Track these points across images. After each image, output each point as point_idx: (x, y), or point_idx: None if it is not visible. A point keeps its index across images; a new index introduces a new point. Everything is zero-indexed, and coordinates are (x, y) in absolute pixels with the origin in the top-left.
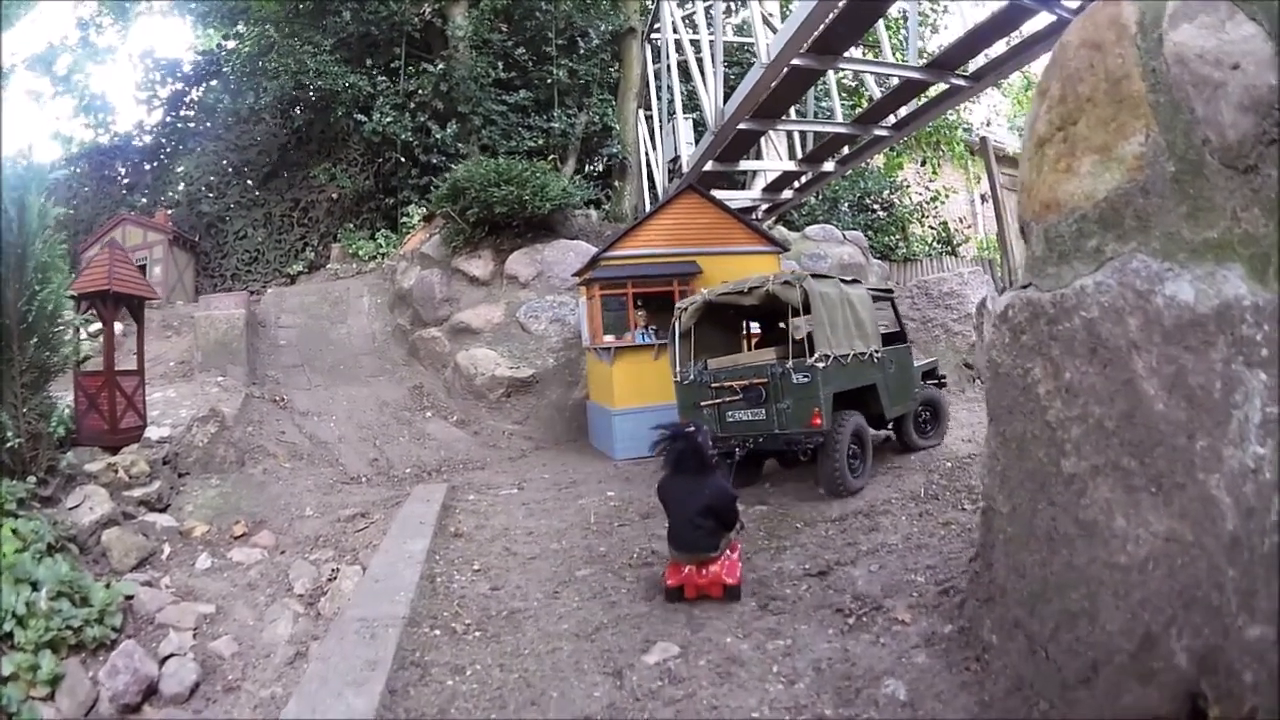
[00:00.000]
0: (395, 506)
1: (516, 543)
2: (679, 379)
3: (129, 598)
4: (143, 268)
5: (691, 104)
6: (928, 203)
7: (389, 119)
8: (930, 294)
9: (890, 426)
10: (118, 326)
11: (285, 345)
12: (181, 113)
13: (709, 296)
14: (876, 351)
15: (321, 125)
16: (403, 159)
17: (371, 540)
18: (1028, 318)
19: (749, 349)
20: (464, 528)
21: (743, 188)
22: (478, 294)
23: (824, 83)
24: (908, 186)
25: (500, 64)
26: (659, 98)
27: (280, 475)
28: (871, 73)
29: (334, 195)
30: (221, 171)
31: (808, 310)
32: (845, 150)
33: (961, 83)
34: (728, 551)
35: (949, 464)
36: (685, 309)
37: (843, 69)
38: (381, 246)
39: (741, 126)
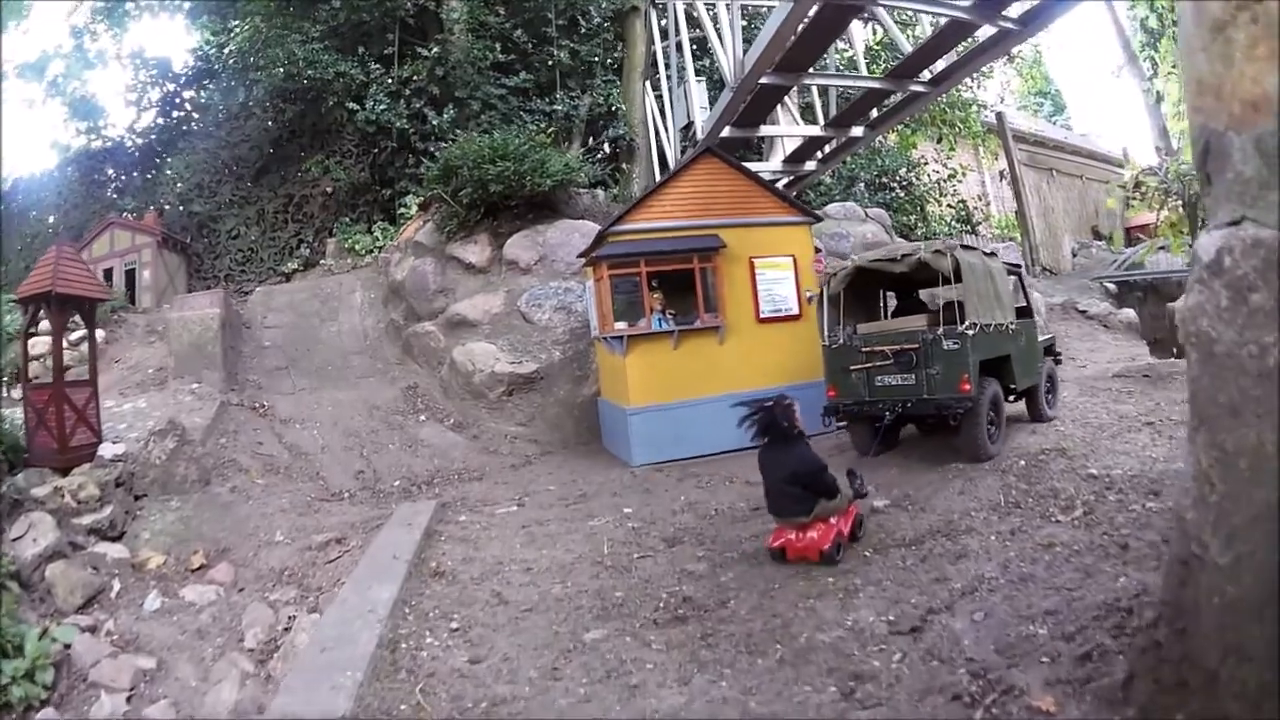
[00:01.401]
0: (375, 530)
1: (510, 585)
2: (828, 343)
3: (67, 646)
4: (131, 272)
5: (703, 70)
6: (945, 180)
7: (383, 106)
8: None
9: (1013, 399)
10: (99, 334)
11: (270, 347)
12: (173, 114)
13: (859, 262)
14: (1011, 323)
15: (313, 117)
16: (399, 148)
17: (342, 575)
18: (1258, 267)
19: (885, 317)
20: (447, 562)
21: (759, 158)
22: (474, 283)
23: (847, 47)
24: (925, 164)
25: (498, 46)
26: (668, 67)
27: (251, 494)
28: (913, 9)
29: (328, 189)
30: (213, 170)
31: (958, 279)
32: (874, 114)
33: (1011, 26)
34: (836, 519)
35: (1022, 462)
36: (834, 274)
37: (883, 5)
38: (379, 240)
39: (764, 81)
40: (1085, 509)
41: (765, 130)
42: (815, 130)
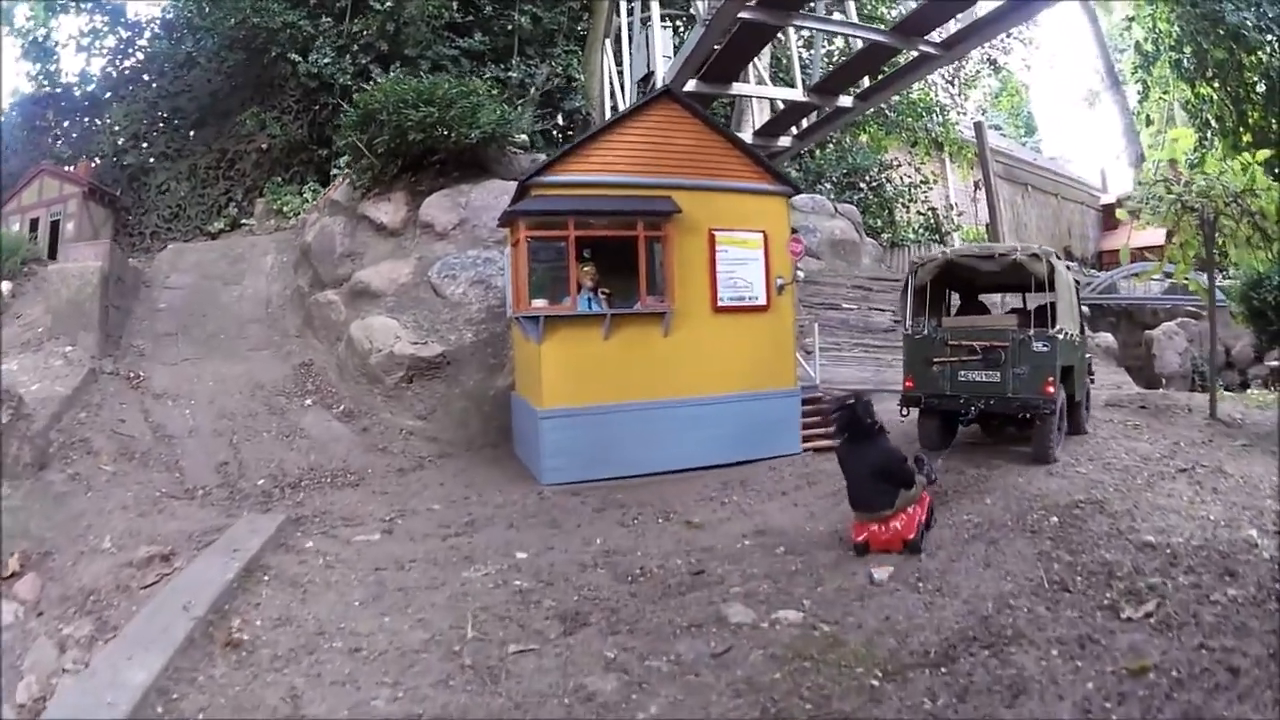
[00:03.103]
0: (209, 547)
1: (319, 681)
2: (910, 333)
3: None
4: (57, 223)
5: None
6: (916, 187)
7: (327, 60)
8: None
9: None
10: (5, 286)
11: (164, 309)
12: (123, 63)
13: (951, 255)
14: (1077, 335)
15: (257, 69)
16: (340, 105)
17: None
18: None
19: (949, 314)
20: (256, 623)
21: (726, 126)
22: (385, 246)
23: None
24: (898, 166)
25: (455, 4)
26: (630, 13)
27: (94, 484)
28: None
29: (263, 146)
30: (151, 121)
31: (1051, 285)
32: (866, 82)
33: None
34: (914, 508)
35: (1054, 519)
36: (923, 264)
37: None
38: (308, 202)
39: (744, 16)
40: (1157, 598)
41: (738, 89)
42: (795, 95)
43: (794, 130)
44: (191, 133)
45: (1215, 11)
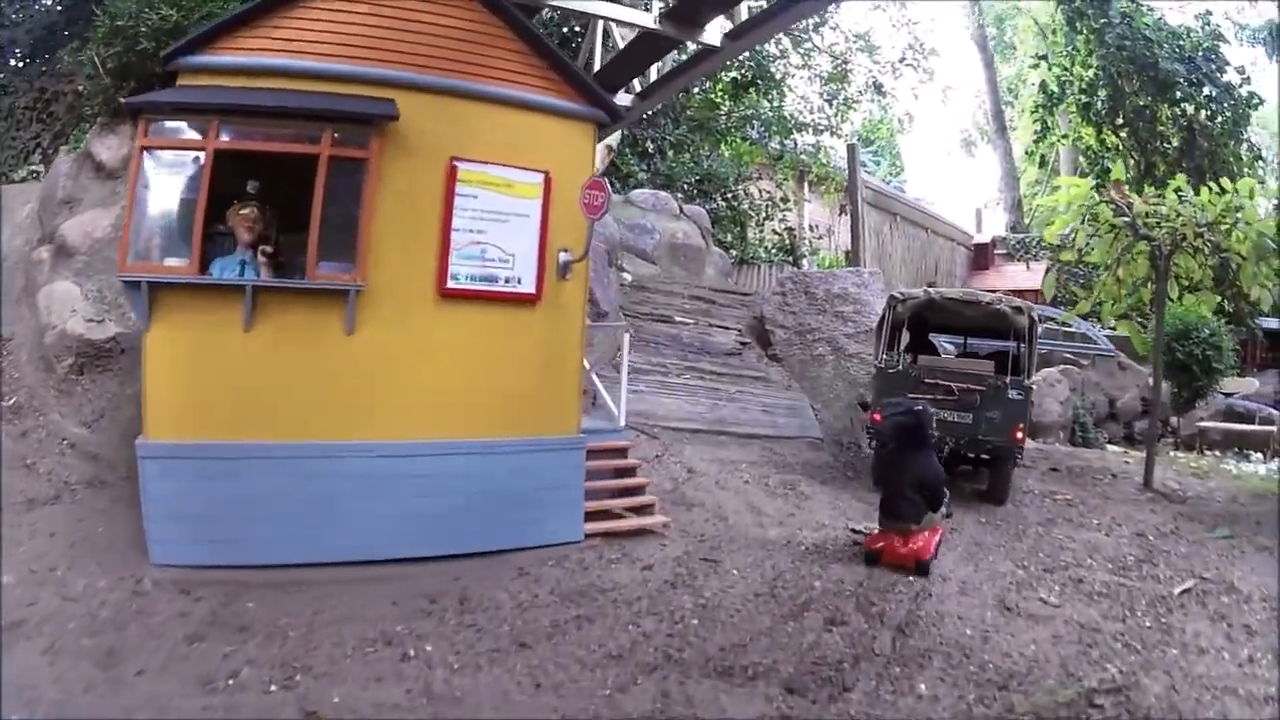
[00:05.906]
0: None
1: None
2: (884, 366)
3: None
4: None
5: None
6: (775, 204)
7: None
8: (813, 295)
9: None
10: None
11: None
12: None
13: (934, 295)
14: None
15: (89, 2)
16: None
17: None
18: None
19: (898, 350)
20: None
21: None
22: (101, 191)
23: None
24: (757, 179)
25: None
26: None
27: None
28: None
29: (80, 88)
30: None
31: (1030, 337)
32: (744, 11)
33: None
34: (928, 533)
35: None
36: (904, 300)
37: None
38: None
39: None
40: None
41: (558, 1)
42: (645, 19)
43: (635, 87)
44: (16, 69)
45: (1146, 57)
